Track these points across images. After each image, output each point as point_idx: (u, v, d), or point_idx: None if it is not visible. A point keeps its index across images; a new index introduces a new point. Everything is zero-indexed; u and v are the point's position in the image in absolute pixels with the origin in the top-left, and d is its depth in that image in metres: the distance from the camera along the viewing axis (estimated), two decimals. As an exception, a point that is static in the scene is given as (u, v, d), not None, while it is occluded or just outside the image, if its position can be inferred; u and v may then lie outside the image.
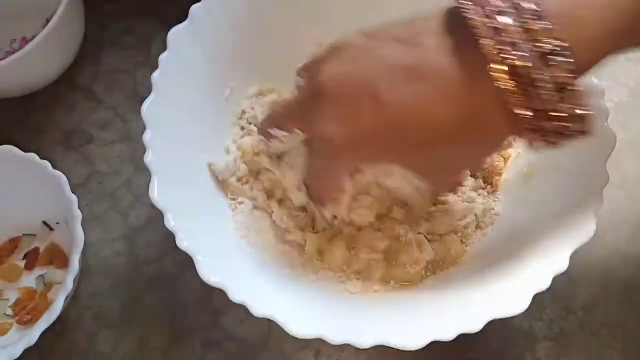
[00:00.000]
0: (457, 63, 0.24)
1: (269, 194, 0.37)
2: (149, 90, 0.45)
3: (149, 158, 0.32)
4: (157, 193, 0.31)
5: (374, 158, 0.29)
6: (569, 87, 0.23)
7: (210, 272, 0.30)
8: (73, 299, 0.40)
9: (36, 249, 0.42)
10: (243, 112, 0.40)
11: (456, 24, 0.24)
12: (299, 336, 0.29)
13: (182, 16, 0.36)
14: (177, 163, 0.34)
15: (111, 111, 0.46)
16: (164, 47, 0.47)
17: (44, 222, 0.42)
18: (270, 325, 0.30)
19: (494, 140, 0.26)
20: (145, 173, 0.43)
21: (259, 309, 0.29)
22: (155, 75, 0.34)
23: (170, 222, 0.31)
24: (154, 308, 0.40)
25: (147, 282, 0.41)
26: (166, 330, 0.39)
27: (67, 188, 0.38)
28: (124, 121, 0.46)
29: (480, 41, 0.23)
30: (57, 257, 0.41)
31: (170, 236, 0.41)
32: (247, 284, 0.31)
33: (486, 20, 0.23)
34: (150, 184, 0.32)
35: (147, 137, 0.33)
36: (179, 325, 0.39)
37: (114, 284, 0.41)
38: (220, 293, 0.30)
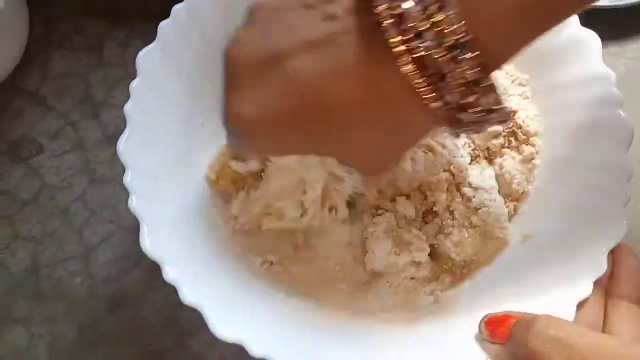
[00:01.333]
0: (366, 47, 0.22)
1: None
2: (102, 95, 0.43)
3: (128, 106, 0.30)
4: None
5: (287, 142, 0.26)
6: (481, 84, 0.21)
7: (154, 242, 0.27)
8: (25, 325, 0.37)
9: None
10: None
11: (365, 6, 0.22)
12: (218, 334, 0.27)
13: (135, 15, 0.33)
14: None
15: (62, 118, 0.42)
16: (118, 48, 0.44)
17: None
18: (242, 348, 0.27)
19: (414, 129, 0.25)
20: (101, 185, 0.40)
21: (188, 297, 0.27)
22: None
23: (127, 178, 0.28)
24: (114, 332, 0.37)
25: (106, 303, 0.37)
26: (129, 356, 0.36)
27: None
28: (76, 129, 0.42)
29: (384, 30, 0.21)
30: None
31: (131, 254, 0.38)
32: (190, 263, 0.28)
33: (390, 5, 0.21)
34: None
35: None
36: (142, 349, 0.36)
37: (70, 308, 0.37)
38: (189, 313, 0.27)
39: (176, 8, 0.33)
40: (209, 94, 0.34)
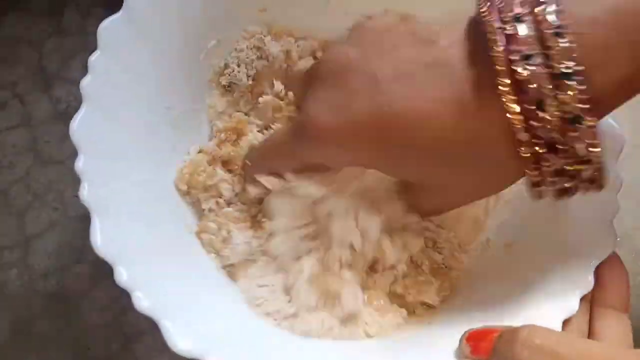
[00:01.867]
0: (470, 72, 0.22)
1: None
2: (56, 67, 0.39)
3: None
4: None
5: (357, 153, 0.25)
6: (583, 121, 0.20)
7: (106, 239, 0.24)
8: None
9: None
10: (226, 65, 0.33)
11: (475, 31, 0.22)
12: (176, 349, 0.23)
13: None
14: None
15: (8, 90, 0.38)
16: (78, 14, 0.40)
17: None
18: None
19: (496, 174, 0.24)
20: (47, 167, 0.36)
21: (143, 303, 0.23)
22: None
23: (79, 163, 0.25)
24: (50, 333, 0.33)
25: (43, 301, 0.34)
26: (64, 361, 0.32)
27: None
28: (23, 103, 0.38)
29: (492, 48, 0.21)
30: None
31: (75, 246, 0.35)
32: (146, 265, 0.25)
33: (502, 26, 0.21)
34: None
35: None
36: (80, 354, 0.33)
37: (1, 303, 0.33)
38: (135, 316, 0.24)
39: None
40: (184, 76, 0.30)
